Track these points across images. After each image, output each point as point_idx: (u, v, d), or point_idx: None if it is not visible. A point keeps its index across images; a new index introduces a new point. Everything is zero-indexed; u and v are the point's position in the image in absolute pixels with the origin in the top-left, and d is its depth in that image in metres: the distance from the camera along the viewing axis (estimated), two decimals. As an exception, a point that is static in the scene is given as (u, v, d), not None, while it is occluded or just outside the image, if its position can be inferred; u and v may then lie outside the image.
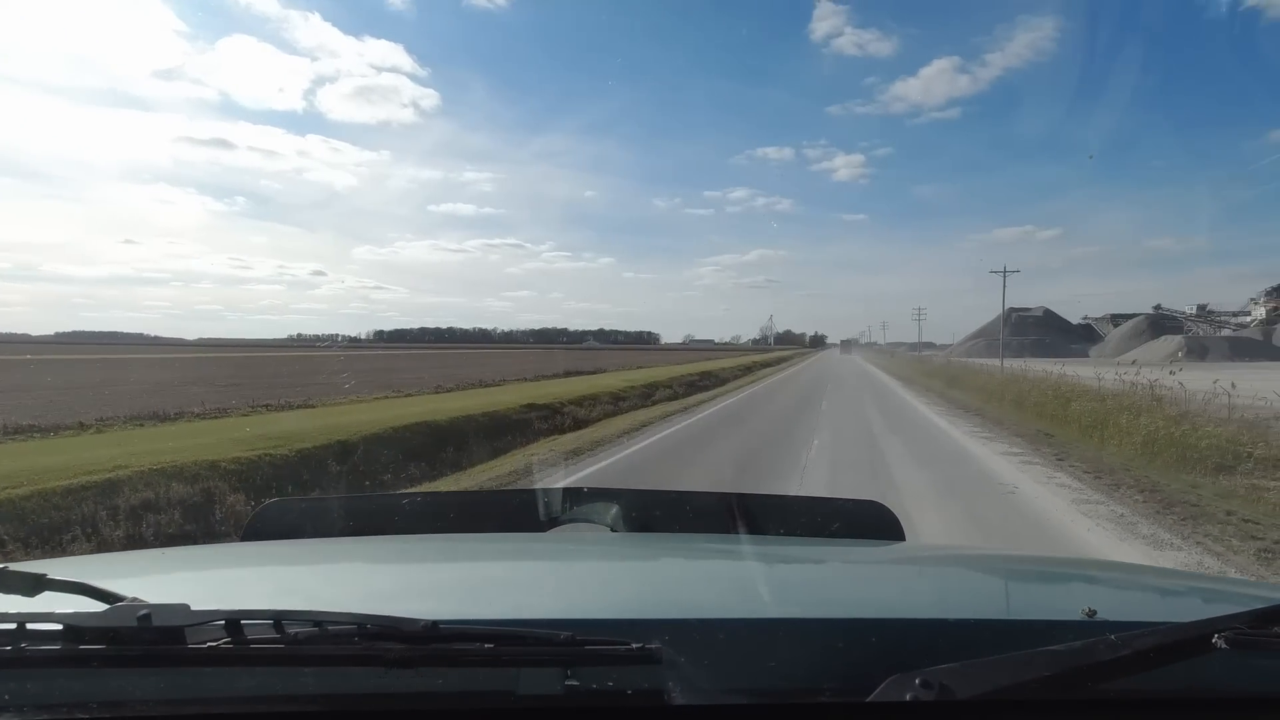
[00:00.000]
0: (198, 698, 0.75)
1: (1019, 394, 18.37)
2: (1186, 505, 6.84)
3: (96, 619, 0.74)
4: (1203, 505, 6.82)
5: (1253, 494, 7.58)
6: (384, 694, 0.75)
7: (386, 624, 0.74)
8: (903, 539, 1.62)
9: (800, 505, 1.78)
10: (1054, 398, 15.60)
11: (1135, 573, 1.86)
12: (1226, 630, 0.76)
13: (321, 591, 1.23)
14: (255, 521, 1.60)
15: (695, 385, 30.76)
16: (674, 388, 28.01)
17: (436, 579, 1.32)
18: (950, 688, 0.71)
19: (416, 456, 11.59)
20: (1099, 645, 0.75)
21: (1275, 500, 7.08)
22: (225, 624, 0.74)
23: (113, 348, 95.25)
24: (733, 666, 0.79)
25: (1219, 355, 69.82)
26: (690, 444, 12.25)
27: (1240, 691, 0.81)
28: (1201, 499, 7.11)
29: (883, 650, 0.82)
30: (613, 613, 0.97)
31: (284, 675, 0.75)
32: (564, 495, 1.64)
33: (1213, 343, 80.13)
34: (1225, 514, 6.46)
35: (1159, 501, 7.12)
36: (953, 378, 30.26)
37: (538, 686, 0.75)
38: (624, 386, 25.33)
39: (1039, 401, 16.05)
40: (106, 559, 2.27)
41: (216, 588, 1.24)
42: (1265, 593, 1.36)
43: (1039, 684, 0.72)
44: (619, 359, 60.29)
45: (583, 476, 9.29)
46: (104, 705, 0.73)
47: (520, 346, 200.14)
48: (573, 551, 1.51)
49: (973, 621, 0.96)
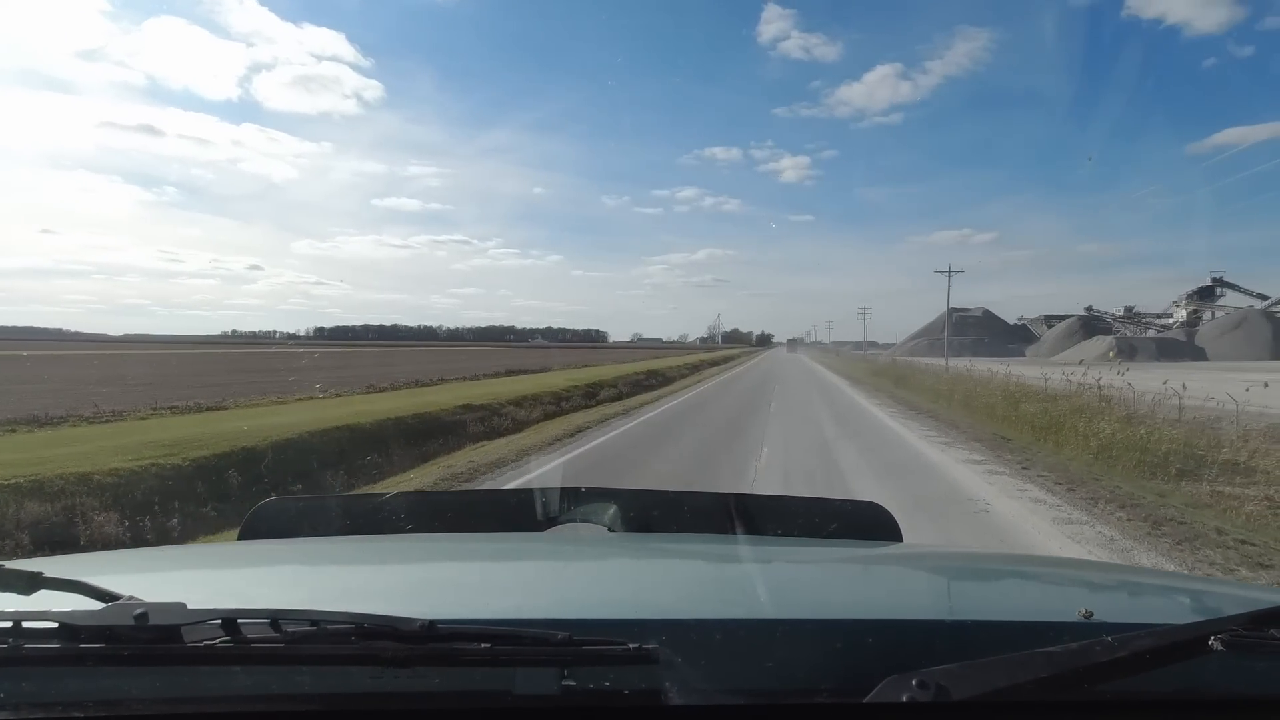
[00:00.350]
0: (194, 696, 0.75)
1: (967, 394, 18.19)
2: (1175, 524, 6.30)
3: (93, 617, 0.74)
4: (1192, 524, 6.30)
5: (1222, 503, 7.24)
6: (381, 693, 0.75)
7: (383, 623, 0.74)
8: (900, 540, 1.63)
9: (798, 506, 1.75)
10: (1003, 399, 15.38)
11: (1132, 574, 1.90)
12: (1222, 632, 0.76)
13: (318, 591, 1.22)
14: (251, 521, 1.58)
15: (641, 385, 30.10)
16: (619, 387, 27.29)
17: (433, 579, 1.30)
18: (947, 688, 0.71)
19: (334, 464, 10.58)
20: (1095, 646, 0.75)
21: (1252, 511, 6.72)
22: (222, 623, 0.74)
23: (25, 343, 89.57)
24: (730, 667, 0.79)
25: (1146, 355, 72.40)
26: (630, 451, 11.47)
27: (1236, 693, 0.81)
28: (1188, 517, 6.58)
29: (880, 651, 0.82)
30: (610, 613, 0.97)
31: (281, 674, 0.75)
32: (562, 495, 1.62)
33: (1140, 343, 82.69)
34: (1216, 532, 5.99)
35: (1145, 520, 6.53)
36: (899, 377, 30.13)
37: (534, 686, 0.74)
38: (567, 386, 24.52)
39: (989, 403, 15.78)
40: (103, 557, 2.26)
41: (213, 587, 1.23)
42: (1260, 595, 1.34)
43: (1035, 685, 0.72)
44: (566, 357, 59.62)
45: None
46: (100, 704, 0.73)
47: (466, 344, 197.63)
48: (570, 551, 1.50)
49: (970, 622, 0.98)
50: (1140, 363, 66.66)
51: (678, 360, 52.15)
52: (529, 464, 10.17)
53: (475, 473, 9.69)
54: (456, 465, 10.47)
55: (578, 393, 23.69)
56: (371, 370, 33.59)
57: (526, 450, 11.36)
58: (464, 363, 44.63)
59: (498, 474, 9.54)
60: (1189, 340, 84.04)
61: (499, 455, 10.97)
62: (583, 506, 1.62)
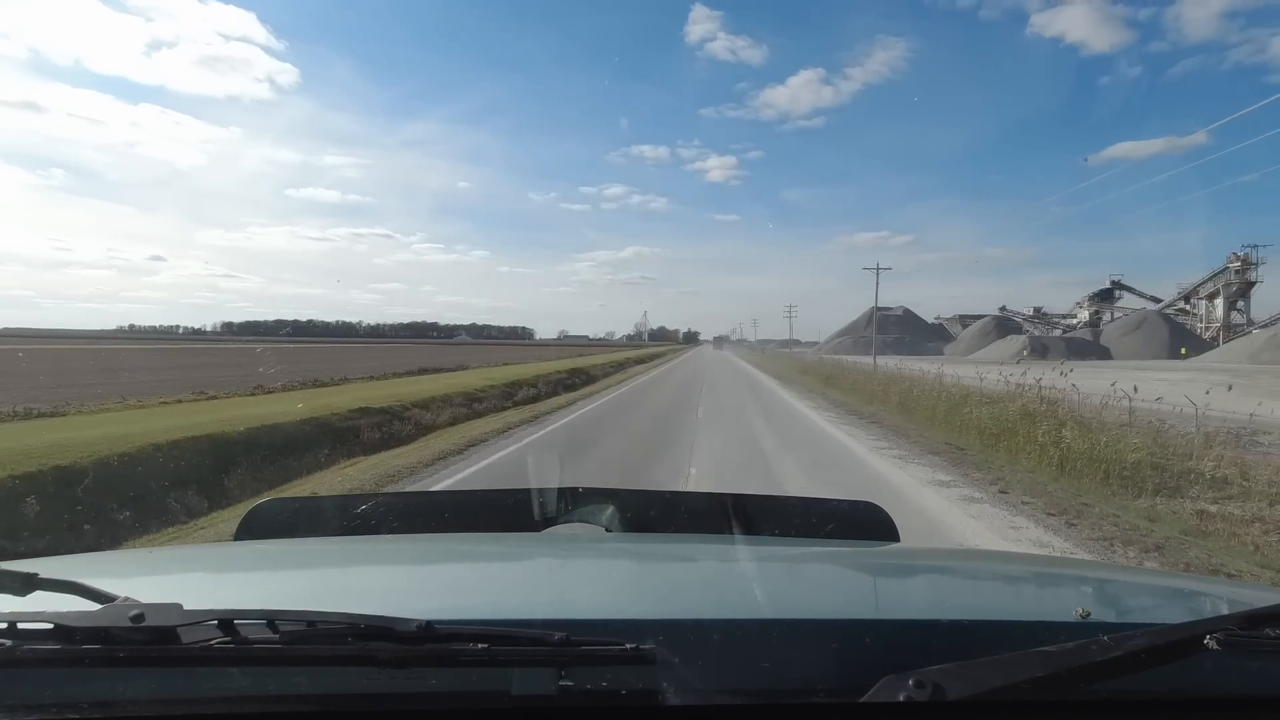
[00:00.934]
0: (191, 698, 0.75)
1: (904, 396, 17.32)
2: (1207, 570, 5.16)
3: (88, 619, 0.74)
4: (1208, 561, 5.28)
5: (1212, 525, 6.36)
6: (377, 694, 0.75)
7: (380, 624, 0.74)
8: (897, 540, 1.64)
9: (795, 506, 1.77)
10: (943, 401, 14.61)
11: (1127, 574, 1.94)
12: (1218, 631, 0.77)
13: (315, 591, 1.22)
14: (248, 521, 1.57)
15: (563, 384, 28.60)
16: (538, 387, 25.74)
17: (430, 579, 1.30)
18: (944, 688, 0.71)
19: (186, 482, 8.78)
20: (1092, 646, 0.75)
21: (1259, 541, 5.83)
22: (218, 624, 0.74)
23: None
24: (727, 667, 0.79)
25: (1057, 354, 74.97)
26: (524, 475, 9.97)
27: (1231, 692, 0.81)
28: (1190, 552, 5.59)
29: (877, 651, 0.83)
30: (607, 613, 0.97)
31: (277, 675, 0.75)
32: (559, 495, 1.61)
33: (1051, 342, 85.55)
34: (1251, 578, 4.99)
35: (1175, 564, 5.31)
36: (829, 376, 29.37)
37: (532, 687, 0.74)
38: (483, 385, 22.89)
39: (930, 406, 14.91)
40: (98, 558, 2.18)
41: (209, 587, 1.24)
42: (1256, 594, 1.33)
43: (1032, 684, 0.72)
44: (490, 355, 58.13)
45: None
46: (95, 705, 0.72)
47: (387, 341, 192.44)
48: (568, 551, 1.49)
49: (967, 622, 0.97)
50: (1052, 361, 68.35)
51: (603, 358, 50.97)
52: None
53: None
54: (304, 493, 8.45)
55: (494, 393, 22.06)
56: (271, 369, 30.89)
57: (394, 475, 9.28)
58: (378, 360, 42.28)
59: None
60: (1095, 340, 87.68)
61: (360, 480, 9.00)
62: (580, 507, 1.61)
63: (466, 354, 62.66)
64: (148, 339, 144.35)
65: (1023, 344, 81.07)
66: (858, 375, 26.31)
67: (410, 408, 16.64)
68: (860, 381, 23.88)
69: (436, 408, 17.38)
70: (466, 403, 19.40)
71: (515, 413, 17.76)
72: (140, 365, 32.00)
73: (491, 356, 53.41)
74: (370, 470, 9.84)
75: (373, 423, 14.68)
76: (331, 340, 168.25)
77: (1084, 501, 7.15)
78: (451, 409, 17.78)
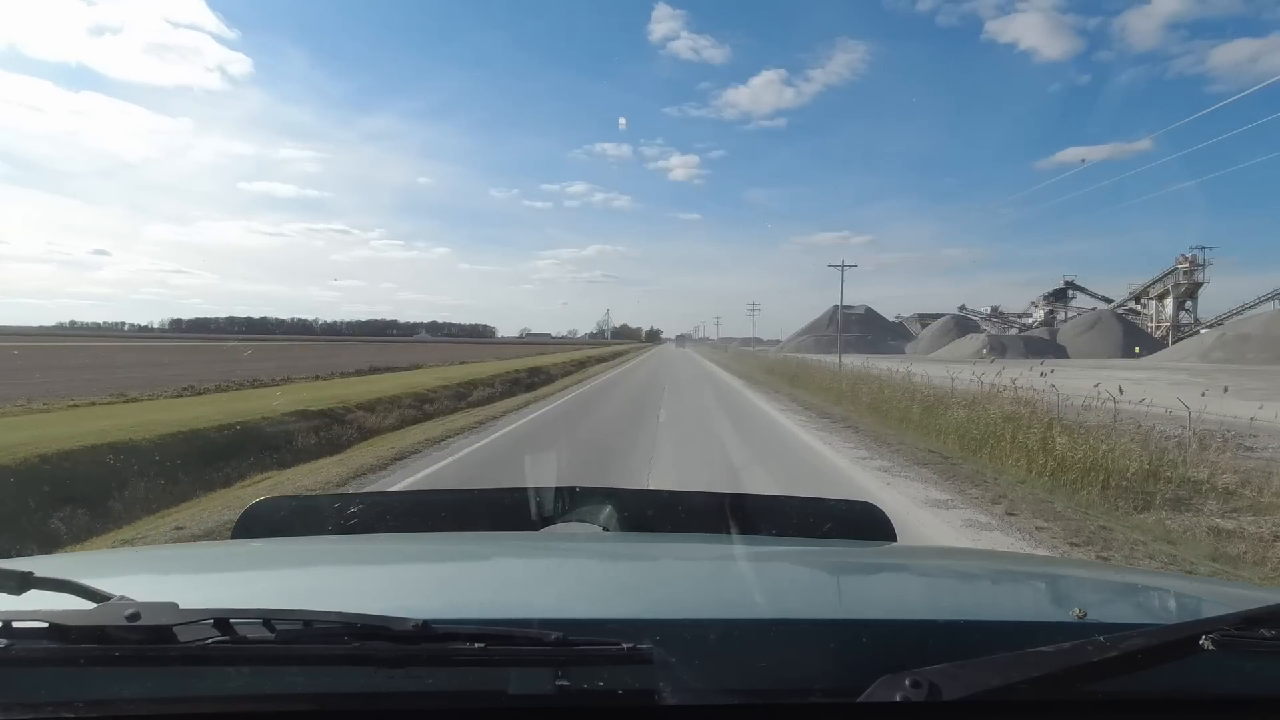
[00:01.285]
0: (186, 697, 0.75)
1: (874, 397, 16.57)
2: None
3: (84, 617, 0.73)
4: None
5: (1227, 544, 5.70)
6: (374, 694, 0.74)
7: (377, 623, 0.74)
8: (894, 539, 1.63)
9: (793, 506, 1.76)
10: (917, 402, 14.00)
11: (1124, 575, 1.91)
12: (1213, 632, 0.77)
13: (311, 590, 1.22)
14: (244, 520, 1.57)
15: (520, 384, 27.56)
16: (494, 387, 24.68)
17: (427, 578, 1.31)
18: (940, 688, 0.71)
19: (72, 500, 7.65)
20: (1088, 646, 0.75)
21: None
22: (214, 623, 0.73)
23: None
24: (724, 667, 0.79)
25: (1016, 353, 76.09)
26: (491, 472, 9.05)
27: (1227, 693, 0.81)
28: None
29: (874, 650, 0.83)
30: (604, 613, 0.97)
31: (273, 675, 0.74)
32: (556, 495, 1.61)
33: (1010, 341, 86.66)
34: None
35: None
36: (794, 375, 28.57)
37: (529, 686, 0.74)
38: (436, 386, 21.81)
39: (903, 408, 14.27)
40: (94, 557, 2.21)
41: (205, 587, 1.23)
42: (1251, 594, 1.34)
43: (1028, 684, 0.72)
44: (450, 353, 56.89)
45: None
46: (91, 705, 0.72)
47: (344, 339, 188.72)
48: (565, 551, 1.50)
49: (963, 622, 0.97)
50: (1012, 360, 69.30)
51: (565, 357, 50.06)
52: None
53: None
54: (193, 525, 6.73)
55: (446, 394, 20.99)
56: (210, 368, 29.22)
57: (339, 481, 8.38)
58: (331, 359, 40.62)
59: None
60: (1052, 339, 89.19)
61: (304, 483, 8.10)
62: (578, 506, 1.61)
63: (425, 352, 61.48)
64: (89, 336, 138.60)
65: (982, 342, 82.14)
66: (824, 374, 25.57)
67: (354, 410, 15.52)
68: (827, 380, 23.10)
69: (383, 410, 16.27)
70: (416, 404, 18.32)
71: (462, 417, 16.62)
72: (63, 364, 30.01)
73: (451, 355, 52.22)
74: (314, 473, 8.74)
75: (309, 427, 13.55)
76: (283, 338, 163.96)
77: (1102, 525, 6.37)
78: (399, 411, 16.69)
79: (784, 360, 40.56)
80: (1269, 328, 62.27)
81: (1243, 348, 60.53)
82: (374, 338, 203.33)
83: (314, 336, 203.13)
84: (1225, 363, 55.52)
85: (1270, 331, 61.34)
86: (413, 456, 10.52)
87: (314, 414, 14.06)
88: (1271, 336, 60.46)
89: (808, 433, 13.45)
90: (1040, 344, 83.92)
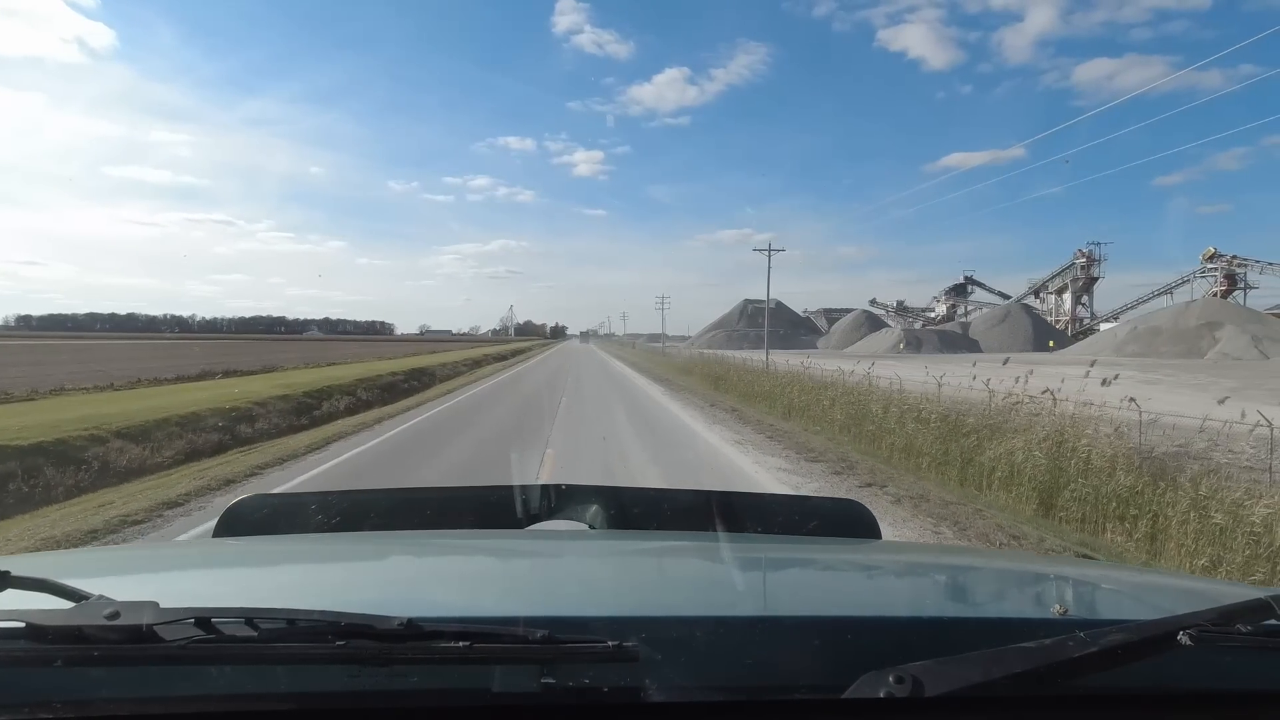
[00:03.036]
0: (167, 696, 0.73)
1: (849, 415, 12.64)
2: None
3: (62, 617, 0.73)
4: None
5: None
6: (359, 692, 0.74)
7: (361, 622, 0.73)
8: (879, 537, 1.66)
9: (778, 504, 1.82)
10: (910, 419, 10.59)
11: (1105, 571, 1.97)
12: (1191, 628, 0.78)
13: (295, 589, 1.21)
14: (227, 517, 1.55)
15: (393, 388, 23.17)
16: (356, 394, 20.18)
17: (412, 576, 1.31)
18: (923, 683, 0.72)
19: None
20: (1069, 642, 0.76)
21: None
22: (196, 622, 0.73)
23: None
24: (710, 664, 0.79)
25: (931, 347, 76.74)
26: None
27: (1204, 687, 0.83)
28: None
29: (858, 647, 0.83)
30: (590, 610, 0.97)
31: (256, 674, 0.74)
32: (543, 492, 1.61)
33: (925, 335, 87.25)
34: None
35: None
36: (716, 377, 24.73)
37: (514, 685, 0.74)
38: (272, 396, 17.30)
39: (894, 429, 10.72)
40: (72, 555, 2.20)
41: (187, 585, 1.23)
42: (1228, 590, 1.36)
43: (1010, 680, 0.73)
44: (334, 352, 52.64)
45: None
46: (69, 705, 0.71)
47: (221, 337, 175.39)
48: (551, 549, 1.48)
49: (947, 619, 1.00)
50: (928, 355, 69.88)
51: (460, 355, 45.77)
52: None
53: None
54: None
55: (281, 408, 16.45)
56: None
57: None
58: (170, 361, 34.66)
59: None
60: (964, 332, 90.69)
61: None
62: (564, 504, 1.61)
63: (307, 351, 56.67)
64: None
65: (899, 337, 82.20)
66: (751, 375, 22.14)
67: (111, 439, 10.94)
68: (761, 384, 19.28)
69: (163, 439, 11.73)
70: (228, 426, 13.76)
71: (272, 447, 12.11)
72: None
73: (334, 354, 47.29)
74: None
75: (49, 462, 9.13)
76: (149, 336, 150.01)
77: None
78: (188, 438, 12.16)
79: (700, 359, 36.78)
80: (1177, 322, 64.22)
81: (1154, 341, 62.27)
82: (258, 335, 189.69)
83: (187, 335, 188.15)
84: (1139, 355, 56.94)
85: (1179, 325, 63.26)
86: (189, 502, 5.93)
87: (26, 451, 9.46)
88: (1180, 330, 62.35)
89: (771, 475, 8.99)
90: (954, 338, 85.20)
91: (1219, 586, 1.66)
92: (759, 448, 11.37)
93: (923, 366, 10.26)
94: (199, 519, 6.76)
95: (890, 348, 69.61)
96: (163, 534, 6.42)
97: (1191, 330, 61.65)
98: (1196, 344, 59.27)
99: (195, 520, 6.74)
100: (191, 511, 7.12)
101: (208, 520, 6.38)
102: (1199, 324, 62.05)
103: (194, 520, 6.75)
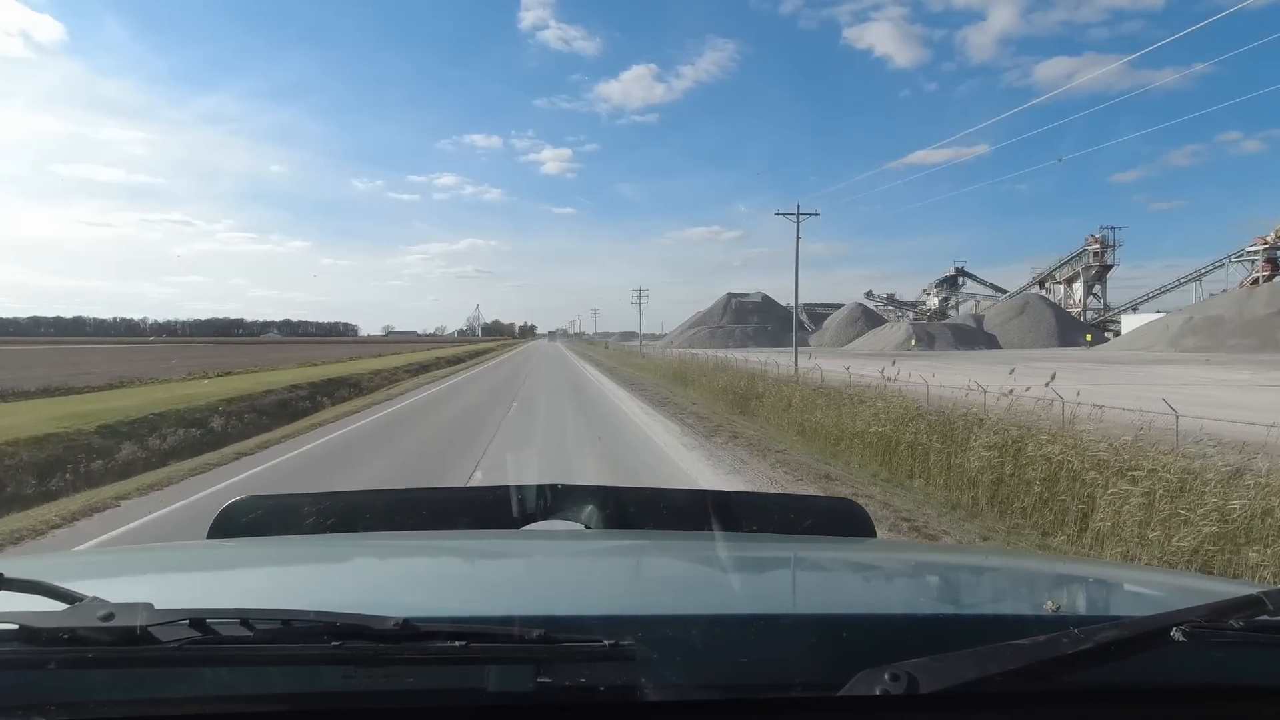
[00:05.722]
0: (162, 698, 0.74)
1: (1000, 474, 8.13)
2: None
3: (55, 619, 0.74)
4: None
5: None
6: (354, 693, 0.75)
7: (356, 622, 0.74)
8: (874, 536, 1.70)
9: (774, 502, 1.90)
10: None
11: (1099, 569, 2.00)
12: (1184, 624, 0.80)
13: (289, 590, 1.22)
14: (221, 519, 1.57)
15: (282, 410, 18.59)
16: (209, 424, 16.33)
17: (407, 577, 1.32)
18: (918, 681, 0.73)
19: None
20: (1063, 639, 0.78)
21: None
22: (190, 623, 0.74)
23: None
24: (705, 662, 0.80)
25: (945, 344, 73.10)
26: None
27: (1196, 682, 0.84)
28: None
29: (854, 645, 0.84)
30: (586, 610, 0.99)
31: (251, 675, 0.75)
32: (538, 492, 1.63)
33: (937, 330, 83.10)
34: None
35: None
36: (737, 394, 18.88)
37: (509, 684, 0.75)
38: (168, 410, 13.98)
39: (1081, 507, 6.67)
40: (66, 557, 2.20)
41: (181, 587, 1.24)
42: (1220, 587, 1.38)
43: (1004, 677, 0.75)
44: (292, 354, 51.59)
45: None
46: (63, 707, 0.72)
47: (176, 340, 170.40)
48: (546, 549, 1.50)
49: (942, 617, 1.04)
50: (942, 352, 64.94)
51: (404, 359, 42.58)
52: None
53: None
54: None
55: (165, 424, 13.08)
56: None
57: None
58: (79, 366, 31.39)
59: None
60: (979, 326, 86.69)
61: None
62: (559, 504, 1.62)
63: (256, 354, 54.09)
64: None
65: (907, 333, 78.13)
66: (788, 389, 16.19)
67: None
68: (811, 410, 13.27)
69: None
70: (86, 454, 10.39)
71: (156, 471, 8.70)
72: None
73: (276, 358, 44.87)
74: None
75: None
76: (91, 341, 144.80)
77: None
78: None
79: (689, 360, 31.81)
80: (1242, 310, 58.31)
81: (1216, 333, 56.21)
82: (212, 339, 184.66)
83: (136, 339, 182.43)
84: (1203, 350, 51.35)
85: (1245, 314, 57.37)
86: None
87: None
88: (1248, 320, 56.05)
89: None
90: (969, 333, 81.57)
91: (1211, 583, 1.76)
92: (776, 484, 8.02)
93: (947, 367, 7.29)
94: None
95: (899, 345, 66.40)
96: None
97: (1262, 320, 55.15)
98: (1272, 334, 52.66)
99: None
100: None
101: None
102: (1270, 311, 55.51)
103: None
